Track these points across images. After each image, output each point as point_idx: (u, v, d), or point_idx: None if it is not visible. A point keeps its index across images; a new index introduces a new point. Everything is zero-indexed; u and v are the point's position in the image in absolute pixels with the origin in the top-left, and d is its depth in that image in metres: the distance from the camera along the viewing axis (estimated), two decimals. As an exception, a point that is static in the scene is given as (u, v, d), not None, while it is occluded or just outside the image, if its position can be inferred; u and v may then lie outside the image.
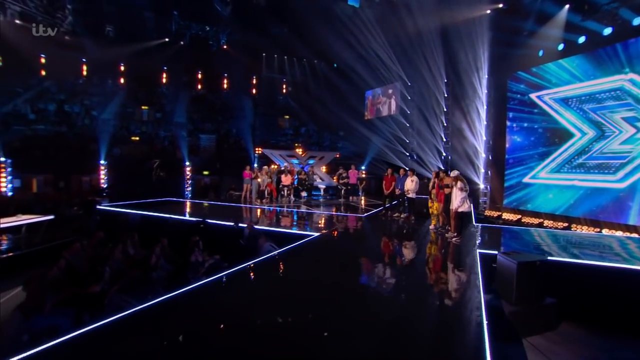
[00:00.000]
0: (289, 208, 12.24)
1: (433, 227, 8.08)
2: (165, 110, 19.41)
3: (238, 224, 8.21)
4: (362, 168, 18.47)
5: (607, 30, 10.30)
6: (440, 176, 7.67)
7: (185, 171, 16.98)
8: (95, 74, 17.76)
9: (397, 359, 2.91)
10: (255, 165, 17.48)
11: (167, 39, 17.60)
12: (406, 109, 17.23)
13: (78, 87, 17.53)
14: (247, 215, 10.87)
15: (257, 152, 18.68)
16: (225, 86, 20.92)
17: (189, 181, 17.02)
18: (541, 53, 12.11)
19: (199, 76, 20.41)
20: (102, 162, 15.40)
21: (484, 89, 13.86)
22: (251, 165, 15.49)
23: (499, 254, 5.00)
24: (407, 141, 17.53)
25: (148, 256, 6.11)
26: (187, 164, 17.03)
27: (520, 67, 12.84)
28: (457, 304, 4.24)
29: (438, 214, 7.81)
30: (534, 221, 11.34)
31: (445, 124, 15.52)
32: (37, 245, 7.94)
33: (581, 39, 10.97)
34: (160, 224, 9.13)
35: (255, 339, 3.21)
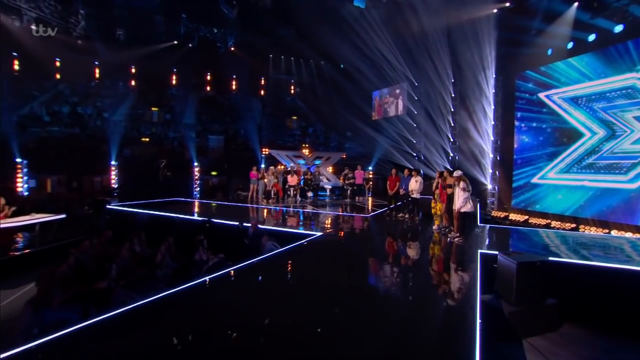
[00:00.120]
0: (295, 208, 12.34)
1: (436, 227, 8.06)
2: (174, 112, 19.74)
3: (243, 224, 8.33)
4: (369, 168, 18.45)
5: (618, 28, 10.09)
6: (444, 176, 7.65)
7: (194, 172, 17.23)
8: (107, 77, 18.19)
9: (389, 355, 2.94)
10: (263, 165, 17.63)
11: (175, 42, 17.91)
12: (413, 109, 17.16)
13: (90, 89, 17.99)
14: (254, 215, 11.00)
15: (264, 153, 18.84)
16: (233, 88, 21.16)
17: (197, 181, 17.26)
18: (550, 52, 11.93)
19: (208, 78, 20.70)
20: (112, 162, 15.77)
21: (491, 88, 13.72)
22: (258, 166, 15.64)
23: (500, 254, 4.98)
24: (414, 141, 17.45)
25: (154, 254, 6.27)
26: (195, 164, 17.28)
27: (529, 66, 12.68)
28: (452, 303, 4.25)
29: (441, 215, 7.79)
30: (541, 222, 11.18)
31: (452, 124, 15.41)
32: (50, 243, 8.20)
33: (591, 37, 10.77)
34: (167, 223, 9.32)
35: (253, 337, 3.27)
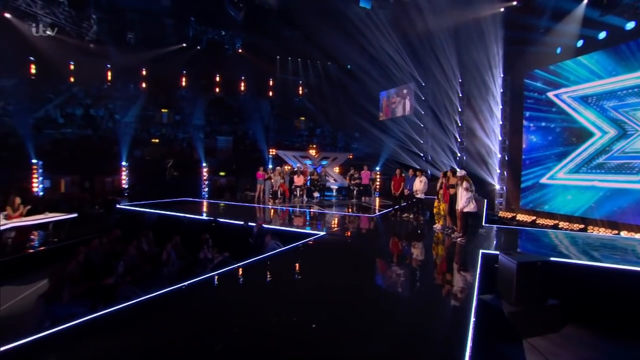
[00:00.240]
0: (301, 208, 12.43)
1: (440, 227, 8.04)
2: (184, 113, 20.08)
3: (248, 223, 8.46)
4: (377, 169, 18.44)
5: (629, 25, 9.88)
6: (447, 176, 7.64)
7: (202, 172, 17.47)
8: (119, 79, 18.63)
9: (381, 353, 2.99)
10: (270, 166, 17.79)
11: (184, 45, 18.22)
12: (420, 110, 17.09)
13: (103, 92, 18.46)
14: (261, 215, 11.13)
15: (271, 154, 18.99)
16: (242, 89, 21.40)
17: (205, 182, 17.49)
18: (559, 50, 11.77)
19: (217, 79, 20.99)
20: (123, 163, 16.13)
21: (499, 88, 13.58)
22: (265, 166, 15.78)
23: (501, 254, 4.96)
24: (421, 142, 17.38)
25: (160, 253, 6.43)
26: (204, 165, 17.53)
27: (537, 65, 12.52)
28: (448, 302, 4.28)
29: (445, 215, 7.77)
30: (549, 223, 11.02)
31: (459, 124, 15.30)
32: (62, 241, 8.47)
33: (602, 35, 10.58)
34: (175, 222, 9.52)
35: (250, 334, 3.34)
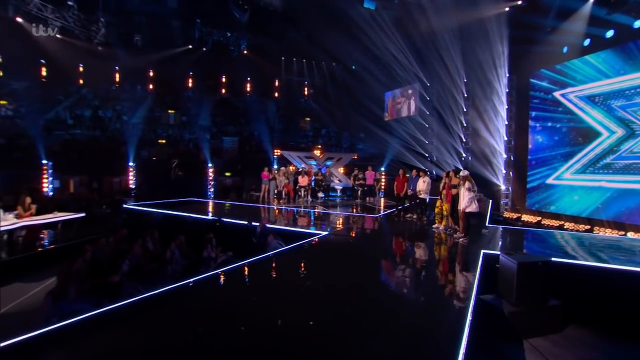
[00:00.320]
0: (305, 208, 12.49)
1: (443, 227, 8.02)
2: (190, 114, 20.29)
3: (251, 223, 8.54)
4: (382, 169, 18.42)
5: (637, 23, 9.74)
6: (450, 176, 7.63)
7: (208, 172, 17.63)
8: (126, 81, 18.92)
9: (378, 349, 3.03)
10: (275, 166, 17.88)
11: (190, 46, 18.43)
12: (425, 110, 17.04)
13: (111, 93, 18.76)
14: (265, 215, 11.21)
15: (275, 154, 19.08)
16: (247, 90, 21.56)
17: (211, 182, 17.65)
18: (565, 49, 11.65)
19: (223, 80, 21.18)
20: (130, 164, 16.37)
21: (504, 88, 13.49)
22: (270, 167, 15.87)
23: (501, 254, 4.96)
24: (427, 142, 17.32)
25: (165, 251, 6.54)
26: (209, 165, 17.69)
27: (543, 65, 12.41)
28: (446, 302, 4.29)
29: (447, 215, 7.76)
30: (555, 223, 10.92)
31: (464, 125, 15.22)
32: (71, 240, 8.65)
33: (609, 33, 10.46)
34: (180, 222, 9.65)
35: (248, 333, 3.38)
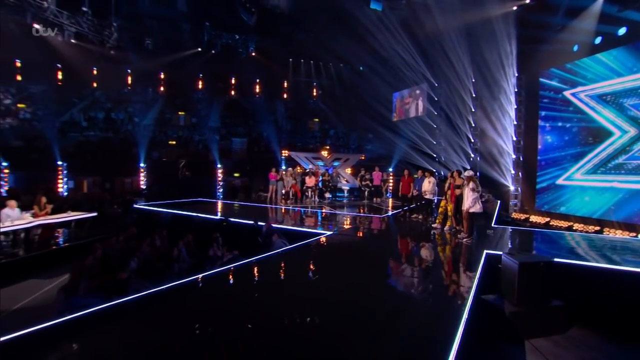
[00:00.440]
0: (312, 209, 12.56)
1: (447, 228, 8.00)
2: (200, 116, 20.61)
3: (257, 223, 8.65)
4: (390, 170, 18.39)
5: (650, 20, 9.58)
6: (454, 176, 7.62)
7: (217, 173, 17.86)
8: (138, 84, 19.35)
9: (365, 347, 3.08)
10: (283, 167, 18.01)
11: (199, 49, 18.75)
12: (433, 110, 16.96)
13: (123, 96, 19.22)
14: (273, 215, 11.32)
15: (283, 155, 19.22)
16: (256, 91, 21.79)
17: (220, 183, 17.87)
18: (576, 48, 11.47)
19: (232, 82, 21.46)
20: (141, 165, 16.72)
21: (513, 87, 13.35)
22: (278, 167, 16.00)
23: (504, 254, 4.95)
24: (434, 143, 17.23)
25: (172, 250, 6.70)
26: (218, 166, 17.92)
27: (553, 64, 12.24)
28: (443, 301, 4.30)
29: (451, 215, 7.74)
30: (563, 224, 10.75)
31: (473, 125, 15.09)
32: (83, 238, 8.93)
33: (621, 31, 10.27)
34: (188, 221, 9.84)
35: (247, 331, 3.43)
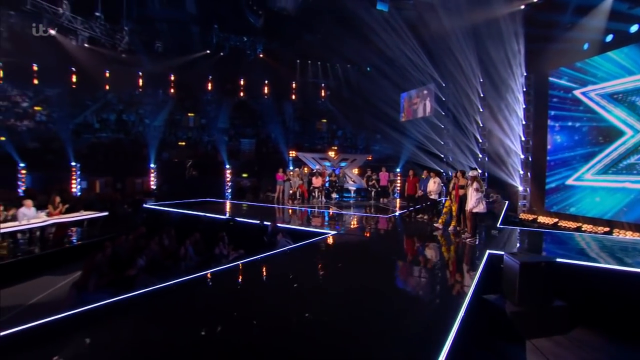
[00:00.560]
0: (319, 209, 12.65)
1: (452, 228, 7.98)
2: (209, 117, 20.91)
3: (263, 222, 8.79)
4: (397, 170, 18.36)
5: (663, 17, 9.39)
6: (457, 176, 7.62)
7: (226, 173, 18.09)
8: (149, 86, 19.75)
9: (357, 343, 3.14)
10: (290, 167, 18.14)
11: (208, 51, 19.04)
12: (440, 111, 16.88)
13: (134, 98, 19.65)
14: (280, 215, 11.45)
15: (291, 155, 19.35)
16: (265, 93, 22.01)
17: (229, 183, 18.09)
18: (586, 46, 11.29)
19: (240, 84, 21.72)
20: (152, 165, 17.07)
21: (521, 87, 13.21)
22: (285, 168, 16.14)
23: (505, 254, 4.94)
24: (442, 143, 17.14)
25: (179, 248, 6.87)
26: (227, 167, 18.15)
27: (562, 63, 12.07)
28: (440, 300, 4.33)
29: (455, 215, 7.73)
30: (572, 225, 10.58)
31: (481, 125, 14.97)
32: (95, 237, 9.20)
33: (633, 28, 10.07)
34: (196, 221, 10.03)
35: (244, 328, 3.47)
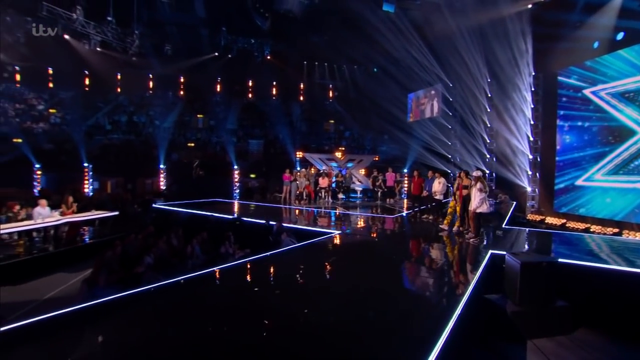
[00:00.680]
0: (325, 209, 12.72)
1: (455, 228, 7.97)
2: (218, 118, 21.20)
3: (269, 222, 8.90)
4: (405, 171, 18.33)
5: (675, 14, 9.21)
6: (461, 176, 7.60)
7: (234, 174, 18.30)
8: (159, 88, 20.16)
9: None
10: (298, 168, 18.26)
11: (216, 53, 19.34)
12: (448, 111, 16.80)
13: (145, 100, 20.08)
14: (287, 215, 11.57)
15: (297, 156, 19.48)
16: (272, 94, 22.23)
17: (237, 184, 18.30)
18: (596, 44, 11.13)
19: (248, 86, 22.00)
20: (161, 166, 17.40)
21: (530, 87, 13.07)
22: (292, 169, 16.26)
23: (507, 254, 4.94)
24: (449, 144, 17.04)
25: (186, 247, 7.03)
26: (235, 167, 18.37)
27: (571, 62, 11.91)
28: (439, 298, 4.37)
29: (460, 215, 7.72)
30: (580, 226, 10.43)
31: (488, 125, 14.85)
32: (106, 236, 9.46)
33: (645, 25, 9.91)
34: (203, 220, 10.21)
35: (243, 326, 3.54)
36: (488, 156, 14.84)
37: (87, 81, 19.52)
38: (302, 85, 22.51)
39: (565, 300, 4.73)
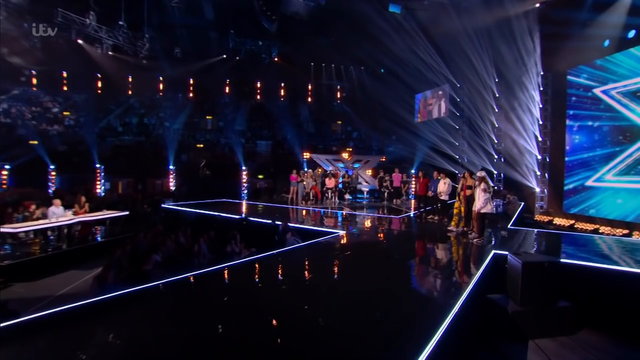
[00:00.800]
0: (331, 210, 12.78)
1: (461, 228, 7.96)
2: (227, 119, 21.49)
3: (275, 222, 9.02)
4: (412, 171, 18.28)
5: (688, 11, 9.03)
6: (465, 177, 7.59)
7: (242, 175, 18.52)
8: (169, 90, 20.54)
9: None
10: (305, 169, 18.37)
11: (225, 56, 19.62)
12: (455, 111, 16.71)
13: (155, 102, 20.48)
14: (293, 215, 11.67)
15: (305, 157, 19.59)
16: (280, 95, 22.42)
17: (245, 184, 18.51)
18: (607, 43, 10.96)
19: (257, 87, 22.23)
20: (171, 167, 17.72)
21: (537, 86, 12.92)
22: (300, 169, 16.37)
23: (509, 254, 4.95)
24: (457, 144, 16.94)
25: (193, 245, 7.19)
26: (243, 168, 18.58)
27: (581, 61, 11.74)
28: (438, 297, 4.38)
29: (464, 216, 7.70)
30: (588, 227, 10.26)
31: (496, 125, 14.72)
32: (117, 235, 9.72)
33: (658, 23, 9.74)
34: (211, 220, 10.39)
35: (242, 324, 3.59)
36: (496, 157, 14.72)
37: (99, 84, 20.04)
38: (309, 87, 22.65)
39: (568, 300, 4.72)
